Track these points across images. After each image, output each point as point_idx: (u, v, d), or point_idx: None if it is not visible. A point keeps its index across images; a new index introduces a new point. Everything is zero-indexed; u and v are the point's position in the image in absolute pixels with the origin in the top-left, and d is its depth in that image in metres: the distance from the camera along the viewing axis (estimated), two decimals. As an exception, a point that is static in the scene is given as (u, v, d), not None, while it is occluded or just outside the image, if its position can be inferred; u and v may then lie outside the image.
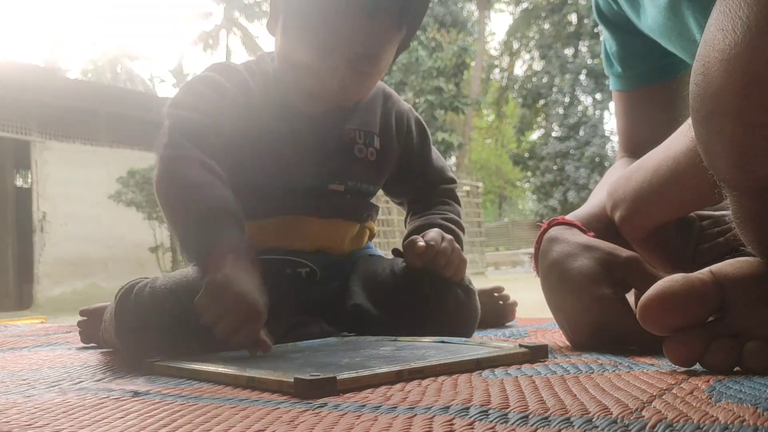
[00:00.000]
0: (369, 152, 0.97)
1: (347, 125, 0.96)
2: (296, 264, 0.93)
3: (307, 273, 0.93)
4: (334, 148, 0.95)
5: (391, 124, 1.01)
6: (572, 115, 16.60)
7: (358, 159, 0.96)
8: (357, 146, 0.96)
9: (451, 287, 0.90)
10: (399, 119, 1.02)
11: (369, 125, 0.98)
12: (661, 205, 0.72)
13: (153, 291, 0.80)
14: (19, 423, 0.46)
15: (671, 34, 0.77)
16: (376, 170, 0.99)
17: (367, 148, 0.97)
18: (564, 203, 15.55)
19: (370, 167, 0.98)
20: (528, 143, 19.90)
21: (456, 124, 17.24)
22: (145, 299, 0.80)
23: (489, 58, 21.74)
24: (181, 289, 0.81)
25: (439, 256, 0.89)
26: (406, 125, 1.03)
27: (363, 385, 0.53)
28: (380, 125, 1.00)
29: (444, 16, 15.59)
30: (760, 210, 0.47)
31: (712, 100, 0.44)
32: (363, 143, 0.97)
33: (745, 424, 0.36)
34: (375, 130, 0.99)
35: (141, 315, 0.79)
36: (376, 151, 0.98)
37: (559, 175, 16.35)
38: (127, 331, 0.81)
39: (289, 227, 0.93)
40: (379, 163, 0.99)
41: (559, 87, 17.29)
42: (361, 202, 0.99)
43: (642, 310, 0.53)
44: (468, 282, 0.93)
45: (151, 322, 0.78)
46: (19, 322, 2.05)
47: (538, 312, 1.29)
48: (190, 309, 0.77)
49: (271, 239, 0.92)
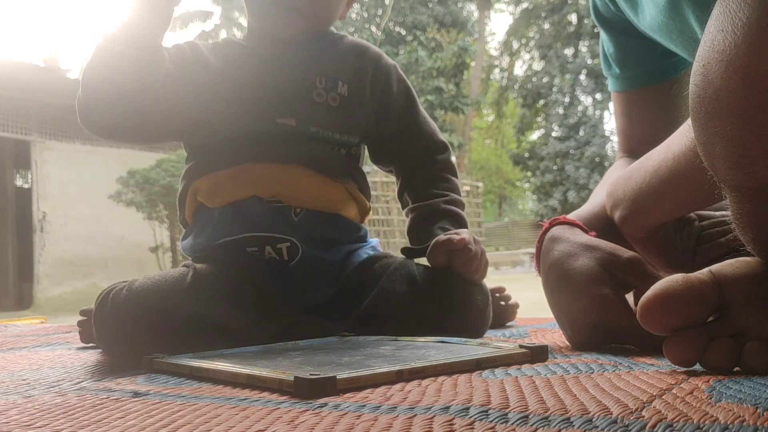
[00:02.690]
0: (330, 97, 0.96)
1: (308, 70, 0.96)
2: (275, 240, 0.90)
3: (288, 249, 0.90)
4: (287, 87, 0.94)
5: (365, 76, 0.99)
6: (572, 115, 16.59)
7: (317, 103, 0.95)
8: (316, 90, 0.95)
9: (471, 292, 0.88)
10: (377, 72, 1.01)
11: (334, 71, 0.97)
12: (661, 205, 0.72)
13: (129, 293, 0.79)
14: (19, 423, 0.46)
15: (672, 32, 0.77)
16: (343, 117, 0.96)
17: (327, 93, 0.96)
18: (564, 203, 15.55)
19: (335, 113, 0.95)
20: (528, 143, 19.89)
21: (456, 124, 17.23)
22: (122, 303, 0.79)
23: (489, 58, 21.74)
24: (159, 291, 0.80)
25: (473, 260, 0.88)
26: (385, 79, 1.02)
27: (363, 385, 0.53)
28: (351, 74, 0.98)
29: (444, 16, 15.59)
30: (759, 211, 0.47)
31: (711, 101, 0.44)
32: (323, 87, 0.95)
33: (745, 424, 0.36)
34: (341, 77, 0.97)
35: (117, 318, 0.78)
36: (339, 96, 0.96)
37: (559, 175, 16.35)
38: (105, 336, 0.80)
39: (243, 174, 0.91)
40: (345, 110, 0.96)
41: (559, 87, 17.29)
42: (331, 153, 0.95)
43: (642, 310, 0.53)
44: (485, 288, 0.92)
45: (129, 325, 0.77)
46: (19, 322, 2.04)
47: (538, 312, 1.29)
48: (169, 309, 0.77)
49: (229, 188, 0.91)
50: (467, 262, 0.88)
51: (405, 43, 14.16)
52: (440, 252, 0.89)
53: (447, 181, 1.03)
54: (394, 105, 1.02)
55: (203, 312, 0.79)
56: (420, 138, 1.03)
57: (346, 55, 1.00)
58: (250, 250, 0.90)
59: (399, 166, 1.05)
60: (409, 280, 0.88)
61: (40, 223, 8.98)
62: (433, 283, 0.88)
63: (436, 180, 1.02)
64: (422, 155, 1.03)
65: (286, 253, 0.90)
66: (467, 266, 0.88)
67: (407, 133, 1.03)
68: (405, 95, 1.03)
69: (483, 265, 0.90)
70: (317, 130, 0.94)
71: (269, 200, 0.91)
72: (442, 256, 0.89)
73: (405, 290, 0.87)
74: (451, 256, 0.88)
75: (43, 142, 9.22)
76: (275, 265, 0.91)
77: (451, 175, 1.04)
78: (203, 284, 0.83)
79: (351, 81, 0.98)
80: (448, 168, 1.04)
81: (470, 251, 0.88)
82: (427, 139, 1.04)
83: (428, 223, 0.97)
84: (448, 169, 1.04)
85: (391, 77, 1.02)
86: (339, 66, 0.98)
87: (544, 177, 16.71)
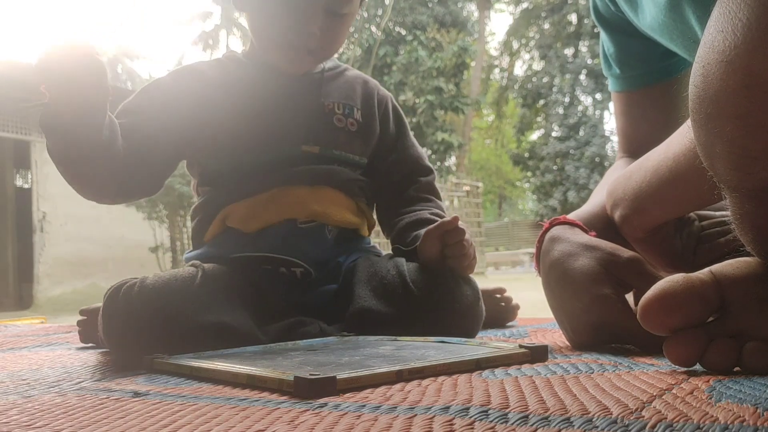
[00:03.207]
0: (349, 122, 1.00)
1: (326, 99, 1.00)
2: (290, 263, 0.93)
3: (301, 273, 0.93)
4: (310, 114, 0.98)
5: (372, 103, 1.05)
6: (572, 115, 16.59)
7: (338, 128, 0.99)
8: (336, 116, 0.99)
9: (461, 288, 0.89)
10: (379, 101, 1.06)
11: (348, 99, 1.02)
12: (661, 204, 0.72)
13: (141, 290, 0.80)
14: (19, 423, 0.46)
15: (672, 32, 0.77)
16: (359, 141, 1.01)
17: (347, 119, 1.00)
18: (564, 203, 15.54)
19: (353, 137, 1.00)
20: (528, 143, 19.89)
21: (456, 124, 17.23)
22: (134, 299, 0.79)
23: (489, 58, 21.74)
24: (170, 289, 0.80)
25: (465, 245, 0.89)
26: (385, 107, 1.07)
27: (363, 385, 0.53)
28: (361, 101, 1.03)
29: (444, 16, 15.57)
30: (759, 211, 0.47)
31: (711, 102, 0.44)
32: (342, 114, 1.00)
33: (745, 424, 0.36)
34: (355, 104, 1.02)
35: (129, 315, 0.78)
36: (357, 122, 1.01)
37: (559, 175, 16.34)
38: (114, 331, 0.80)
39: (277, 199, 0.93)
40: (362, 134, 1.01)
41: (559, 87, 17.29)
42: (350, 174, 0.99)
43: (642, 310, 0.53)
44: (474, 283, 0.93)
45: (140, 321, 0.78)
46: (19, 322, 2.04)
47: (538, 312, 1.29)
48: (180, 308, 0.78)
49: (263, 213, 0.93)
50: (459, 245, 0.89)
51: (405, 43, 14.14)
52: (432, 237, 0.90)
53: (430, 201, 1.05)
54: (389, 131, 1.07)
55: (211, 314, 0.80)
56: (406, 161, 1.07)
57: (354, 83, 1.05)
58: (264, 267, 0.93)
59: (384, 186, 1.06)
60: (399, 277, 0.89)
61: (40, 223, 8.98)
62: (422, 280, 0.88)
63: (420, 200, 1.05)
64: (407, 176, 1.07)
65: (299, 275, 0.94)
66: (459, 249, 0.89)
67: (395, 155, 1.07)
68: (397, 123, 1.09)
69: (472, 255, 0.91)
70: (339, 153, 0.98)
71: (303, 222, 0.94)
72: (435, 241, 0.89)
73: (395, 288, 0.88)
74: (444, 239, 0.89)
75: (43, 142, 9.20)
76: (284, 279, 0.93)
77: (433, 197, 1.07)
78: (212, 285, 0.84)
79: (362, 107, 1.03)
80: (430, 190, 1.07)
81: (463, 232, 0.89)
82: (414, 163, 1.08)
83: (414, 227, 0.99)
84: (430, 190, 1.07)
85: (388, 106, 1.08)
86: (351, 93, 1.03)
87: (544, 177, 16.71)
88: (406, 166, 1.07)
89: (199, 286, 0.82)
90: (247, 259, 0.92)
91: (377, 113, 1.05)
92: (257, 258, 0.92)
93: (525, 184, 22.60)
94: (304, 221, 0.94)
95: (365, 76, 1.09)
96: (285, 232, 0.93)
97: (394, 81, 13.38)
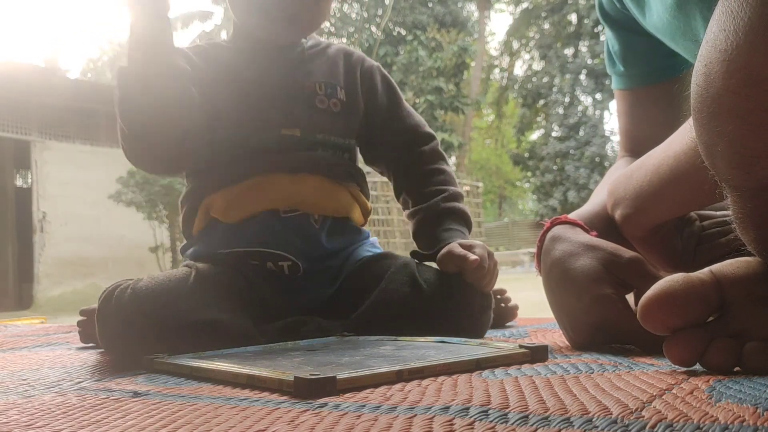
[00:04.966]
0: (332, 102, 0.97)
1: (307, 79, 0.96)
2: (277, 257, 0.91)
3: (289, 267, 0.91)
4: (289, 96, 0.95)
5: (355, 77, 1.01)
6: (572, 115, 16.59)
7: (320, 110, 0.95)
8: (318, 97, 0.96)
9: (473, 296, 0.88)
10: (363, 73, 1.02)
11: (331, 77, 0.98)
12: (662, 203, 0.72)
13: (134, 293, 0.79)
14: (19, 423, 0.46)
15: (675, 32, 0.77)
16: (343, 122, 0.97)
17: (329, 99, 0.96)
18: (564, 203, 15.55)
19: (336, 118, 0.97)
20: (528, 143, 19.90)
21: (456, 124, 17.23)
22: (126, 301, 0.78)
23: (489, 58, 21.73)
24: (163, 290, 0.80)
25: (488, 276, 0.88)
26: (370, 79, 1.03)
27: (363, 385, 0.53)
28: (344, 78, 1.00)
29: (444, 16, 15.58)
30: (761, 211, 0.47)
31: (713, 101, 0.44)
32: (324, 94, 0.96)
33: (745, 424, 0.36)
34: (338, 82, 0.98)
35: (122, 317, 0.78)
36: (340, 102, 0.97)
37: (559, 175, 16.35)
38: (109, 334, 0.80)
39: (257, 188, 0.91)
40: (346, 114, 0.98)
41: (559, 87, 17.29)
42: (335, 158, 0.96)
43: (642, 310, 0.53)
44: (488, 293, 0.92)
45: (134, 324, 0.77)
46: (19, 322, 2.04)
47: (538, 312, 1.29)
48: (174, 308, 0.78)
49: (244, 203, 0.91)
50: (479, 279, 0.88)
51: (405, 43, 14.15)
52: (451, 263, 0.89)
53: (441, 173, 1.02)
54: (379, 104, 1.03)
55: (206, 313, 0.79)
56: (405, 131, 1.03)
57: (336, 60, 1.01)
58: (252, 262, 0.91)
59: (389, 164, 1.05)
60: (410, 282, 0.88)
61: (40, 223, 8.98)
62: (434, 285, 0.87)
63: (430, 174, 1.02)
64: (409, 148, 1.03)
65: (287, 269, 0.91)
66: (479, 281, 0.88)
67: (392, 128, 1.03)
68: (388, 93, 1.04)
69: (495, 278, 0.90)
70: (322, 136, 0.95)
71: (286, 211, 0.91)
72: (453, 267, 0.88)
73: (406, 292, 0.87)
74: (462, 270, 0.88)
75: (43, 142, 9.22)
76: (275, 275, 0.92)
77: (442, 163, 1.03)
78: (205, 285, 0.83)
79: (346, 85, 0.99)
80: (437, 157, 1.03)
81: (483, 269, 0.87)
82: (412, 132, 1.04)
83: (433, 226, 0.97)
84: (437, 158, 1.03)
85: (375, 77, 1.04)
86: (334, 71, 0.99)
87: (544, 177, 16.71)
88: (405, 136, 1.03)
89: (193, 285, 0.82)
90: (235, 255, 0.91)
91: (360, 89, 1.01)
92: (244, 254, 0.91)
93: (525, 184, 22.61)
94: (286, 211, 0.91)
95: (348, 49, 1.04)
96: (268, 222, 0.91)
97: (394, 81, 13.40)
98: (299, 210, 0.92)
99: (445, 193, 1.00)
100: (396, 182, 1.05)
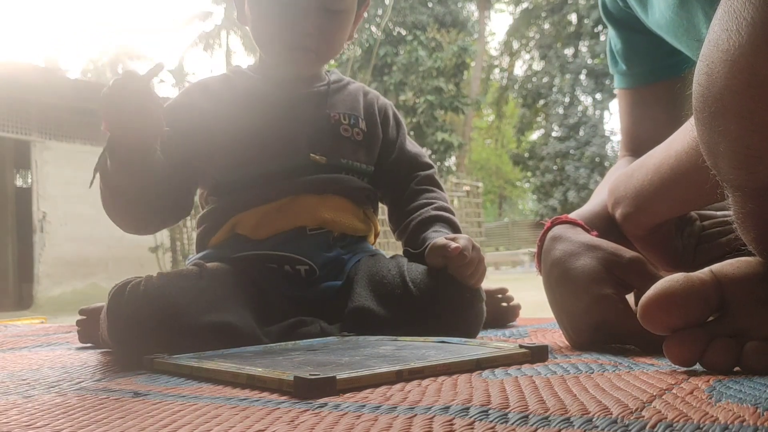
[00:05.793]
0: (355, 132, 1.03)
1: (332, 110, 1.03)
2: (295, 261, 0.94)
3: (306, 271, 0.94)
4: (317, 125, 1.01)
5: (374, 111, 1.08)
6: (572, 115, 16.59)
7: (345, 138, 1.02)
8: (342, 126, 1.02)
9: (462, 290, 0.89)
10: (380, 109, 1.09)
11: (353, 110, 1.05)
12: (662, 203, 0.72)
13: (146, 290, 0.80)
14: (19, 423, 0.46)
15: (678, 30, 0.77)
16: (365, 150, 1.04)
17: (352, 129, 1.03)
18: (564, 203, 15.55)
19: (359, 146, 1.03)
20: (528, 143, 19.89)
21: (456, 124, 17.22)
22: (139, 297, 0.80)
23: (489, 58, 21.74)
24: (175, 289, 0.81)
25: (469, 265, 0.89)
26: (385, 116, 1.10)
27: (363, 385, 0.53)
28: (364, 111, 1.07)
29: (444, 16, 15.57)
30: (762, 211, 0.47)
31: (715, 101, 0.44)
32: (348, 124, 1.03)
33: (745, 424, 0.36)
34: (359, 115, 1.05)
35: (133, 313, 0.79)
36: (362, 132, 1.04)
37: (559, 175, 16.35)
38: (119, 330, 0.80)
39: (287, 208, 0.96)
40: (367, 143, 1.04)
41: (559, 87, 17.29)
42: (356, 183, 1.01)
43: (642, 310, 0.53)
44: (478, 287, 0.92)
45: (145, 321, 0.78)
46: (19, 322, 2.04)
47: (538, 312, 1.29)
48: (185, 308, 0.79)
49: (274, 221, 0.95)
50: (461, 268, 0.89)
51: (405, 43, 14.14)
52: (436, 255, 0.91)
53: (431, 191, 1.08)
54: (391, 138, 1.10)
55: (215, 313, 0.81)
56: (407, 160, 1.10)
57: (357, 95, 1.08)
58: (269, 265, 0.94)
59: (387, 188, 1.09)
60: (399, 277, 0.90)
61: (40, 223, 8.98)
62: (422, 281, 0.89)
63: (421, 192, 1.07)
64: (408, 173, 1.09)
65: (304, 272, 0.95)
66: (461, 271, 0.89)
67: (396, 158, 1.09)
68: (398, 127, 1.12)
69: (480, 271, 0.91)
70: (346, 161, 1.01)
71: (313, 229, 0.96)
72: (438, 259, 0.90)
73: (395, 288, 0.89)
74: (446, 261, 0.90)
75: (43, 142, 9.22)
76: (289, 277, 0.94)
77: (434, 188, 1.09)
78: (215, 284, 0.85)
79: (366, 117, 1.06)
80: (431, 182, 1.09)
81: (465, 257, 0.89)
82: (413, 160, 1.10)
83: (422, 230, 1.00)
84: (431, 182, 1.09)
85: (389, 112, 1.11)
86: (355, 105, 1.06)
87: (544, 177, 16.71)
88: (406, 164, 1.09)
89: (203, 285, 0.83)
90: (251, 258, 0.93)
91: (379, 120, 1.08)
92: (262, 256, 0.94)
93: (525, 184, 22.61)
94: (313, 228, 0.96)
95: (365, 87, 1.13)
96: (294, 237, 0.95)
97: (394, 81, 13.38)
98: (325, 228, 0.97)
99: (433, 204, 1.04)
100: (390, 206, 1.10)
